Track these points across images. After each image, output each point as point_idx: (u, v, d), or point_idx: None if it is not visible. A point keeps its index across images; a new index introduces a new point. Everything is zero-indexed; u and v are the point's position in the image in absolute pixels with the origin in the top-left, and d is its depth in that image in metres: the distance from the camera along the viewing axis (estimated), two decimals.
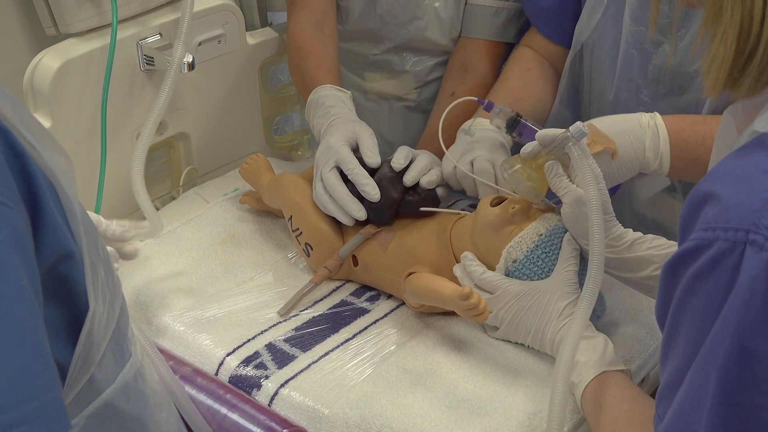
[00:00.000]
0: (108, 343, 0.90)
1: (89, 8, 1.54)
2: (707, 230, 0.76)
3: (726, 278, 0.75)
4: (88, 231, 0.85)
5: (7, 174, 0.74)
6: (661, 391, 0.85)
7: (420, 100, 1.85)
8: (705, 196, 0.79)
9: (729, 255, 0.75)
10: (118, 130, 1.63)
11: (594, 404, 1.13)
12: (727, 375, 0.75)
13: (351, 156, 1.43)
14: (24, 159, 0.75)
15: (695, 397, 0.77)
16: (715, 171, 0.81)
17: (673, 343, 0.82)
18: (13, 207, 0.73)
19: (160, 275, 1.49)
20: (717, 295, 0.75)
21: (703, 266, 0.76)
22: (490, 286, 1.28)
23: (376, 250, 1.42)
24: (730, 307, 0.74)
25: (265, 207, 1.63)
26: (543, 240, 1.28)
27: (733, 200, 0.76)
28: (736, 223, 0.74)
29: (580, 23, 1.53)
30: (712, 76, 0.83)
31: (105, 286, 0.87)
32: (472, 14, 1.74)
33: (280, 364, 1.30)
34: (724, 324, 0.75)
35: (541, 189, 1.28)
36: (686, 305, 0.79)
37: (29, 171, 0.76)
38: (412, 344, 1.34)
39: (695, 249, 0.77)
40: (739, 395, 0.75)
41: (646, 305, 1.37)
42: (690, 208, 0.81)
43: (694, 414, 0.77)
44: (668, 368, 0.83)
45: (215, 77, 1.77)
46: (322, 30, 1.72)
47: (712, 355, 0.76)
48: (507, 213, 1.30)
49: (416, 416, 1.19)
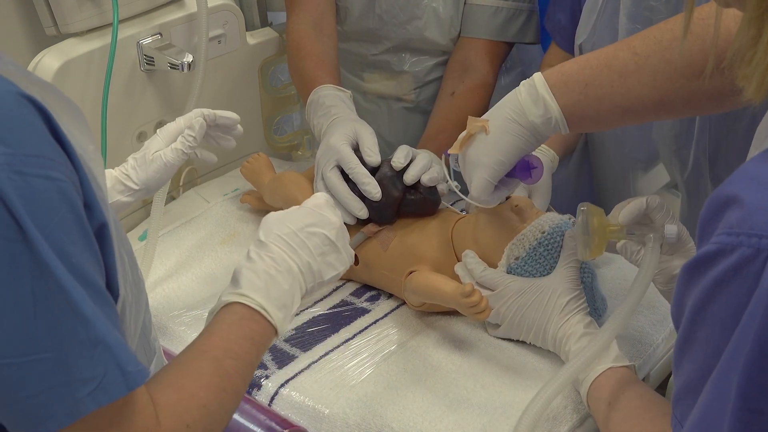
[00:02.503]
0: (139, 337, 0.91)
1: (89, 8, 1.54)
2: (730, 235, 0.75)
3: (748, 285, 0.74)
4: (115, 222, 0.86)
5: (57, 148, 0.76)
6: (677, 394, 0.84)
7: (419, 100, 1.85)
8: (728, 199, 0.77)
9: (752, 261, 0.74)
10: (118, 130, 1.63)
11: (601, 401, 1.13)
12: (748, 381, 0.74)
13: (352, 155, 1.43)
14: (58, 132, 0.77)
15: (718, 405, 0.77)
16: (739, 173, 0.79)
17: (689, 346, 0.82)
18: (68, 182, 0.75)
19: (160, 275, 1.49)
20: (739, 301, 0.75)
21: (725, 272, 0.76)
22: (492, 283, 1.28)
23: (377, 248, 1.42)
24: (751, 314, 0.74)
25: (265, 206, 1.63)
26: (545, 237, 1.29)
27: (758, 205, 0.75)
28: (760, 229, 0.73)
29: (579, 26, 1.53)
30: (756, 80, 0.80)
31: (131, 279, 0.89)
32: (472, 14, 1.74)
33: (280, 364, 1.30)
34: (745, 331, 0.74)
35: (591, 251, 1.19)
36: (706, 310, 0.78)
37: (66, 146, 0.77)
38: (412, 344, 1.34)
39: (717, 253, 0.76)
40: (760, 401, 0.74)
41: (647, 305, 1.37)
42: (712, 209, 0.80)
43: (717, 420, 0.77)
44: (685, 371, 0.83)
45: (215, 77, 1.77)
46: (321, 30, 1.72)
47: (734, 362, 0.75)
48: (510, 210, 1.31)
49: (416, 416, 1.19)
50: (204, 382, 0.87)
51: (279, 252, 1.01)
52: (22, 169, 0.72)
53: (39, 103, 0.76)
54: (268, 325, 0.96)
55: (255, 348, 0.94)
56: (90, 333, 0.75)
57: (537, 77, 1.19)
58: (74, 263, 0.75)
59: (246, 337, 0.93)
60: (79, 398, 0.75)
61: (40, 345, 0.74)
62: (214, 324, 0.94)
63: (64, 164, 0.76)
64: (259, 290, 0.97)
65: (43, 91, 0.81)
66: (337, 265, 1.07)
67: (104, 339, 0.76)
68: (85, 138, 0.85)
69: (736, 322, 0.75)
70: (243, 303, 0.96)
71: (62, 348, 0.74)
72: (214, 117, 1.34)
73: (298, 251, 1.03)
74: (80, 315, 0.74)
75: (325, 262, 1.06)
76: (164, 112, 1.72)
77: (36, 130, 0.75)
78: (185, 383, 0.86)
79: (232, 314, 0.95)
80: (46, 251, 0.72)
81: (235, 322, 0.94)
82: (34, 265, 0.72)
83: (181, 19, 1.68)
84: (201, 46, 1.62)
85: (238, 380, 0.91)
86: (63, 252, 0.74)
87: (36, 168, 0.73)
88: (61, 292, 0.74)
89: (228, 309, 0.96)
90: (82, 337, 0.75)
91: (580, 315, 1.24)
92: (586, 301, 1.26)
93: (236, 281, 0.98)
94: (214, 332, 0.93)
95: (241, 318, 0.95)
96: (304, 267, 1.02)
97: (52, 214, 0.73)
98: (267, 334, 0.96)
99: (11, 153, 0.72)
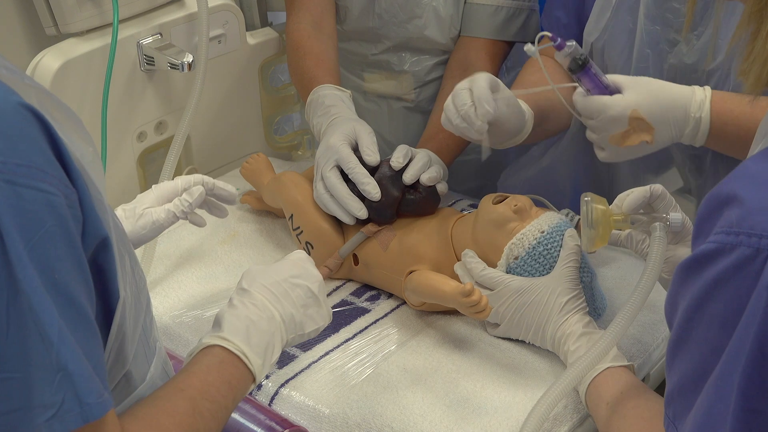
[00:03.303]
0: (139, 337, 0.91)
1: (89, 8, 1.54)
2: (730, 234, 0.75)
3: (748, 284, 0.74)
4: (114, 221, 0.85)
5: (54, 162, 0.75)
6: (670, 393, 0.84)
7: (419, 100, 1.85)
8: (727, 197, 0.77)
9: (752, 261, 0.74)
10: (118, 130, 1.63)
11: (600, 401, 1.12)
12: (748, 381, 0.74)
13: (351, 155, 1.43)
14: (59, 145, 0.76)
15: (720, 406, 0.77)
16: (739, 171, 0.79)
17: (683, 345, 0.81)
18: (61, 196, 0.74)
19: (160, 275, 1.49)
20: (738, 301, 0.75)
21: (724, 271, 0.75)
22: (491, 283, 1.28)
23: (376, 248, 1.42)
24: (751, 314, 0.74)
25: (265, 207, 1.63)
26: (545, 237, 1.29)
27: (758, 205, 0.75)
28: (761, 229, 0.73)
29: (589, 24, 1.52)
30: (754, 74, 0.81)
31: (132, 279, 0.88)
32: (472, 13, 1.74)
33: (280, 364, 1.29)
34: (744, 330, 0.74)
35: (595, 241, 1.18)
36: (703, 309, 0.78)
37: (65, 159, 0.76)
38: (412, 344, 1.34)
39: (715, 252, 0.76)
40: (760, 401, 0.74)
41: (647, 305, 1.36)
42: (710, 206, 0.79)
43: (720, 421, 0.77)
44: (678, 370, 0.83)
45: (215, 77, 1.77)
46: (321, 30, 1.72)
47: (734, 362, 0.75)
48: (509, 210, 1.31)
49: (416, 416, 1.19)
50: (177, 420, 0.86)
51: (262, 300, 1.02)
52: (11, 179, 0.70)
53: (40, 115, 0.75)
54: (246, 371, 0.96)
55: (232, 393, 0.94)
56: (53, 358, 0.72)
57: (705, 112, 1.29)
58: (57, 280, 0.73)
59: (224, 381, 0.93)
60: (37, 424, 0.73)
61: (9, 364, 0.71)
62: (193, 364, 0.94)
63: (59, 178, 0.74)
64: (240, 335, 0.97)
65: (39, 94, 0.80)
66: (317, 319, 1.08)
67: (66, 366, 0.73)
68: (84, 141, 0.84)
69: (735, 322, 0.75)
70: (223, 346, 0.96)
71: (28, 370, 0.72)
72: (213, 186, 1.33)
73: (281, 300, 1.03)
74: (46, 338, 0.72)
75: (306, 314, 1.06)
76: (164, 112, 1.72)
77: (32, 141, 0.73)
78: (160, 419, 0.86)
79: (212, 356, 0.95)
80: (22, 267, 0.71)
81: (214, 365, 0.94)
82: (9, 281, 0.70)
83: (181, 19, 1.68)
84: (201, 46, 1.62)
85: (212, 423, 0.90)
86: (45, 267, 0.72)
87: (26, 178, 0.71)
88: (30, 312, 0.71)
89: (208, 351, 0.96)
90: (45, 361, 0.72)
91: (579, 314, 1.24)
92: (586, 300, 1.26)
93: (218, 324, 0.99)
94: (193, 372, 0.93)
95: (220, 361, 0.95)
96: (286, 316, 1.03)
97: (39, 226, 0.72)
98: (245, 379, 0.96)
99: (2, 161, 0.70)
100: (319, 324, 1.08)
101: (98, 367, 0.77)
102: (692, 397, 0.80)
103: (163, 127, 1.73)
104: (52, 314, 0.72)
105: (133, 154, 1.70)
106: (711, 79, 1.41)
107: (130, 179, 1.72)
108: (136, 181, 1.73)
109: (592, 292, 1.31)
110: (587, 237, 1.18)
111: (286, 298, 1.04)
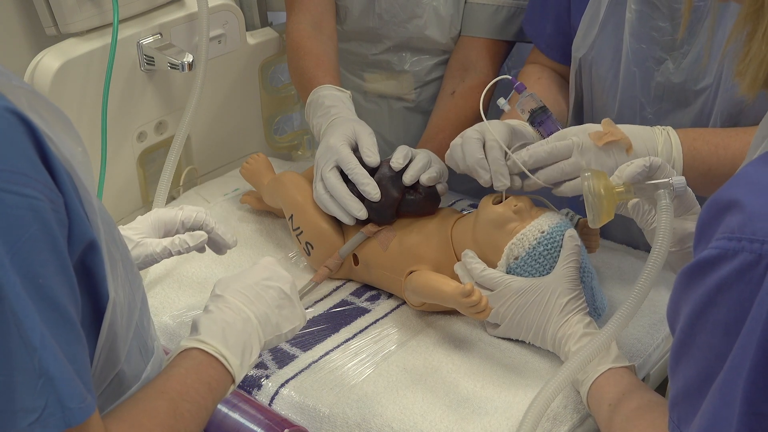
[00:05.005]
0: (132, 337, 0.91)
1: (89, 8, 1.54)
2: (731, 240, 0.75)
3: (750, 290, 0.74)
4: (105, 222, 0.85)
5: (39, 167, 0.75)
6: (675, 398, 0.84)
7: (419, 100, 1.85)
8: (728, 203, 0.77)
9: (754, 267, 0.74)
10: (118, 130, 1.64)
11: (602, 401, 1.12)
12: (752, 386, 0.74)
13: (351, 156, 1.43)
14: (45, 150, 0.76)
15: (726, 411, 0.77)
16: (739, 177, 0.79)
17: (687, 350, 0.81)
18: (45, 201, 0.74)
19: (160, 275, 1.49)
20: (741, 306, 0.75)
21: (727, 277, 0.76)
22: (491, 283, 1.28)
23: (376, 249, 1.42)
24: (754, 320, 0.74)
25: (265, 207, 1.63)
26: (545, 237, 1.28)
27: (759, 210, 0.75)
28: (762, 235, 0.74)
29: (577, 40, 1.51)
30: (750, 75, 0.81)
31: (124, 278, 0.88)
32: (472, 12, 1.74)
33: (280, 364, 1.30)
34: (748, 336, 0.74)
35: (602, 216, 1.16)
36: (706, 315, 0.78)
37: (51, 163, 0.76)
38: (412, 344, 1.34)
39: (717, 257, 0.76)
40: (765, 406, 0.74)
41: (647, 305, 1.36)
42: (711, 212, 0.79)
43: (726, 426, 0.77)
44: (683, 375, 0.83)
45: (215, 77, 1.77)
46: (321, 30, 1.72)
47: (738, 368, 0.75)
48: (509, 210, 1.31)
49: (416, 416, 1.19)
50: (158, 421, 0.88)
51: (236, 303, 1.03)
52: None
53: (26, 119, 0.74)
54: (225, 372, 0.97)
55: (211, 394, 0.95)
56: (35, 363, 0.73)
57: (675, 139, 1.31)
58: (40, 284, 0.73)
59: (203, 382, 0.94)
60: (20, 429, 0.73)
61: None
62: (172, 367, 0.95)
63: (44, 183, 0.74)
64: (218, 337, 0.98)
65: (29, 95, 0.80)
66: (293, 319, 1.09)
67: (48, 371, 0.73)
68: (73, 141, 0.84)
69: (738, 328, 0.75)
70: (201, 349, 0.97)
71: (10, 375, 0.72)
72: (211, 230, 1.32)
73: (255, 302, 1.05)
74: (28, 343, 0.72)
75: (282, 315, 1.08)
76: (164, 112, 1.72)
77: (17, 146, 0.73)
78: (141, 420, 0.87)
79: (190, 359, 0.96)
80: (4, 272, 0.71)
81: (193, 368, 0.95)
82: None
83: (181, 19, 1.68)
84: (201, 46, 1.62)
85: (192, 424, 0.91)
86: (28, 272, 0.72)
87: (9, 183, 0.71)
88: (13, 316, 0.71)
89: (186, 354, 0.97)
90: (28, 367, 0.73)
91: (580, 315, 1.24)
92: (586, 301, 1.26)
93: (195, 329, 1.00)
94: (172, 375, 0.94)
95: (199, 363, 0.96)
96: (261, 317, 1.05)
97: (22, 231, 0.72)
98: (224, 381, 0.97)
99: None
100: (294, 324, 1.10)
101: (82, 371, 0.77)
102: (697, 402, 0.81)
103: (163, 127, 1.73)
104: (35, 320, 0.73)
105: (133, 154, 1.70)
106: (699, 98, 1.40)
107: (130, 179, 1.72)
108: (136, 181, 1.73)
109: (593, 292, 1.31)
110: (592, 212, 1.16)
111: (260, 300, 1.06)
